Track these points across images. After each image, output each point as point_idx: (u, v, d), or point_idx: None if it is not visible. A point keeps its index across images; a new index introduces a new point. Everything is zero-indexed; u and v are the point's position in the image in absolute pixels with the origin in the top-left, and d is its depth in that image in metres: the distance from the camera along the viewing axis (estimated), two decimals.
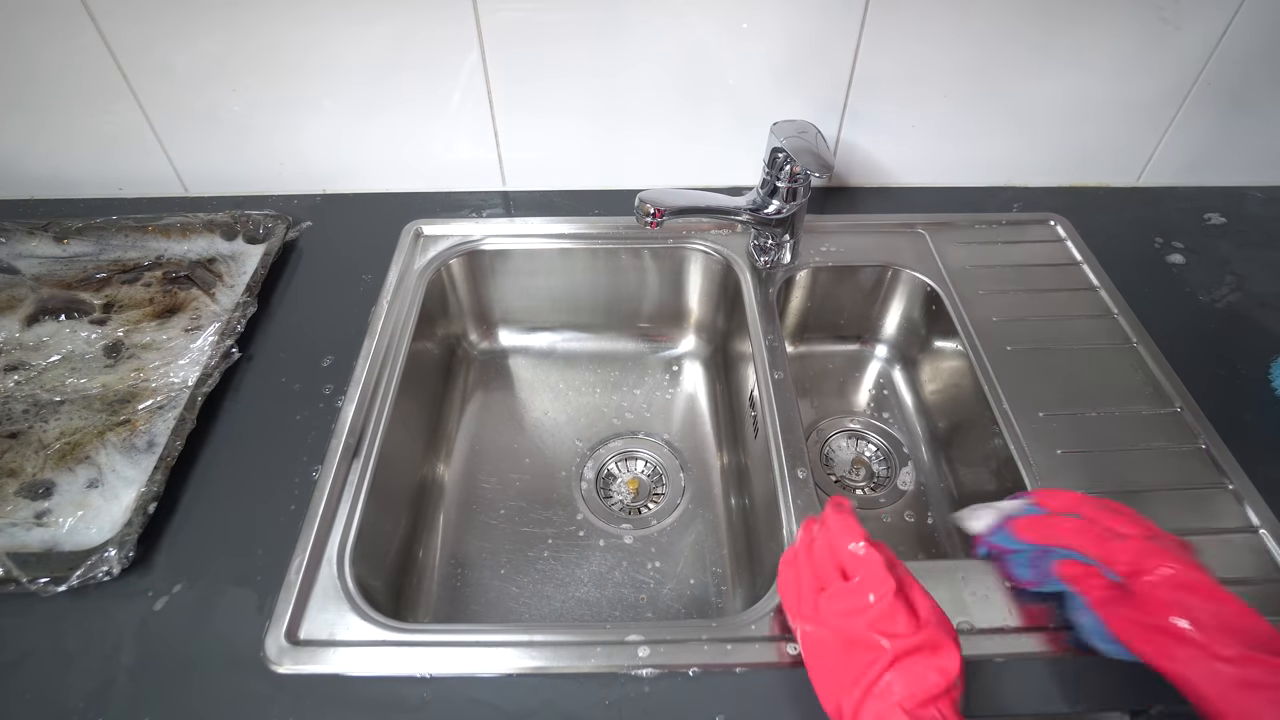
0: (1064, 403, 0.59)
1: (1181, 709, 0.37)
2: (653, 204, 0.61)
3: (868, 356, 0.79)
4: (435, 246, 0.74)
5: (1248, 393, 0.61)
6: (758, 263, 0.71)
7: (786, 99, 0.73)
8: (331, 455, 0.56)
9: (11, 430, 0.58)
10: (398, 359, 0.63)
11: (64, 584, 0.47)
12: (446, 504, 0.68)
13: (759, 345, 0.65)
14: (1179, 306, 0.69)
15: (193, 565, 0.51)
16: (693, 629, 0.47)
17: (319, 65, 0.70)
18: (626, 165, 0.79)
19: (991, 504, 0.48)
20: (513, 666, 0.45)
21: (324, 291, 0.70)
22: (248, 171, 0.79)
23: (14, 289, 0.68)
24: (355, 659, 0.45)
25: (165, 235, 0.73)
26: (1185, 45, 0.70)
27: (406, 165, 0.79)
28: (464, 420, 0.75)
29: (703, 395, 0.78)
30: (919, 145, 0.78)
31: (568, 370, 0.80)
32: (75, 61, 0.69)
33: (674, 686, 0.45)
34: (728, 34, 0.69)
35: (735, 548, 0.65)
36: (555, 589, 0.62)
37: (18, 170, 0.78)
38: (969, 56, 0.71)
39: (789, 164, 0.62)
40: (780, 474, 0.55)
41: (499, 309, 0.80)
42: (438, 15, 0.67)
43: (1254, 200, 0.81)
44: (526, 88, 0.73)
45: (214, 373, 0.59)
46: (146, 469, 0.53)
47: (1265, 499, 0.53)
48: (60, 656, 0.46)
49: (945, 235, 0.74)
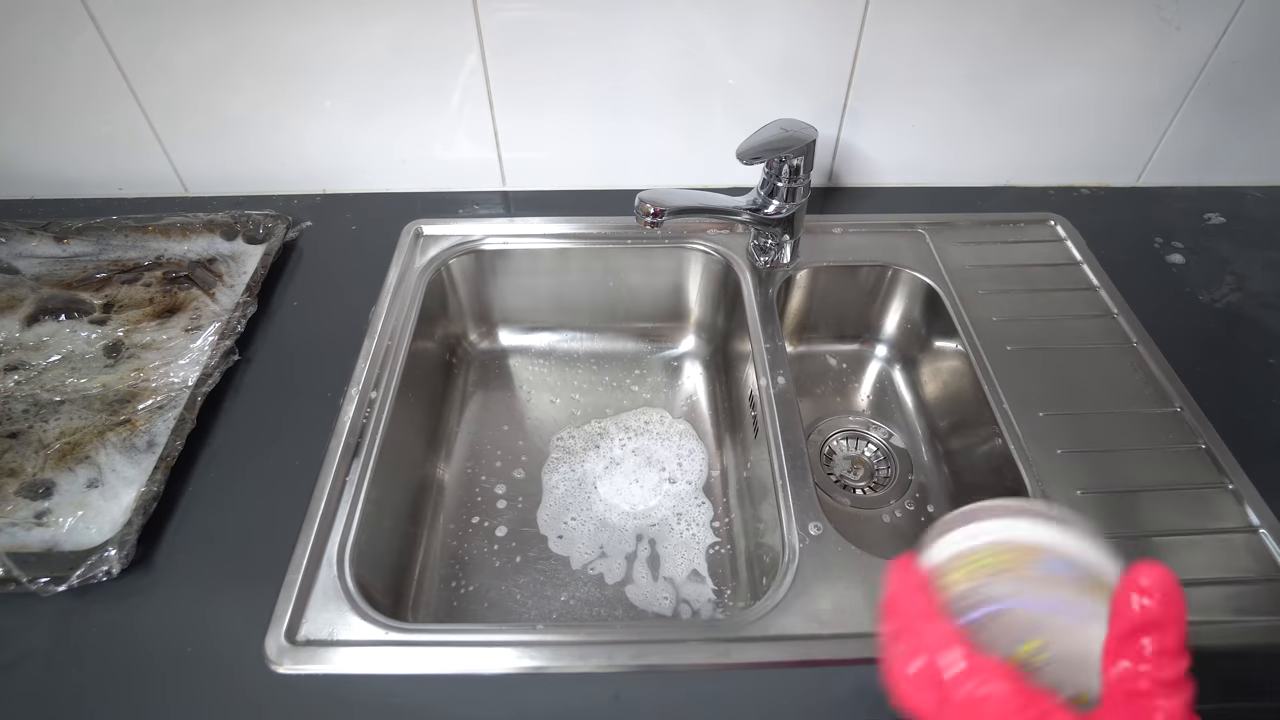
0: (1064, 403, 0.59)
1: None
2: (653, 204, 0.61)
3: (868, 356, 0.79)
4: (435, 246, 0.74)
5: (1248, 393, 0.61)
6: (758, 263, 0.71)
7: (786, 99, 0.73)
8: (331, 455, 0.55)
9: (11, 430, 0.58)
10: (398, 359, 0.63)
11: (64, 584, 0.47)
12: (446, 504, 0.68)
13: (759, 345, 0.65)
14: (1179, 306, 0.69)
15: (193, 565, 0.51)
16: (693, 629, 0.47)
17: (319, 65, 0.70)
18: (626, 165, 0.79)
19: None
20: (513, 666, 0.45)
21: (324, 291, 0.70)
22: (248, 171, 0.79)
23: (14, 289, 0.68)
24: (355, 659, 0.45)
25: (165, 235, 0.73)
26: (1185, 45, 0.70)
27: (406, 165, 0.79)
28: (464, 420, 0.75)
29: (702, 395, 0.78)
30: (919, 145, 0.78)
31: (568, 370, 0.80)
32: (75, 61, 0.69)
33: (674, 687, 0.45)
34: (728, 34, 0.69)
35: (735, 548, 0.65)
36: (555, 589, 0.62)
37: (17, 170, 0.78)
38: (969, 56, 0.71)
39: (787, 163, 0.62)
40: (780, 474, 0.55)
41: (499, 309, 0.80)
42: (438, 15, 0.67)
43: (1254, 200, 0.81)
44: (526, 88, 0.73)
45: (214, 373, 0.59)
46: (146, 469, 0.53)
47: (1265, 499, 0.53)
48: (60, 656, 0.46)
49: (945, 235, 0.74)
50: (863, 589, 0.48)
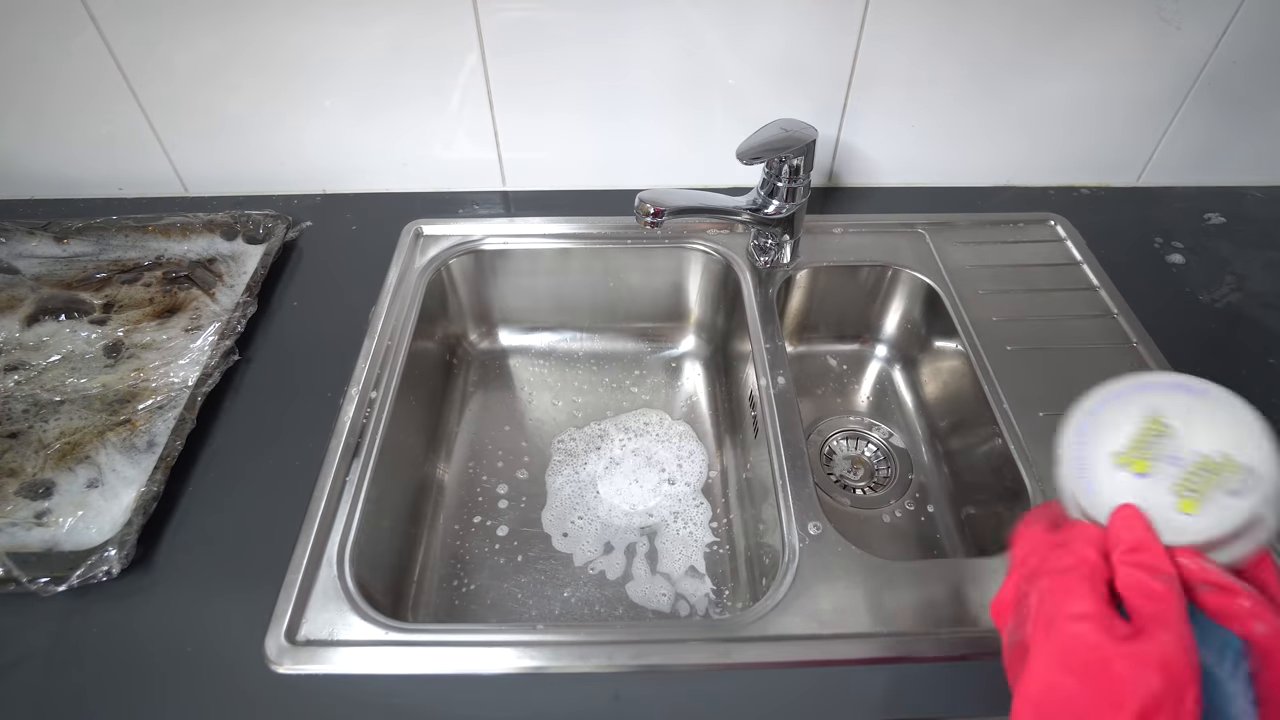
0: (1064, 403, 0.58)
1: None
2: (653, 204, 0.61)
3: (868, 356, 0.79)
4: (435, 246, 0.74)
5: (1248, 393, 0.61)
6: (758, 263, 0.71)
7: (786, 99, 0.73)
8: (331, 455, 0.56)
9: (11, 430, 0.58)
10: (398, 359, 0.63)
11: (64, 584, 0.47)
12: (446, 504, 0.68)
13: (759, 345, 0.65)
14: (1179, 306, 0.69)
15: (193, 565, 0.51)
16: (693, 629, 0.47)
17: (319, 65, 0.70)
18: (626, 165, 0.79)
19: None
20: (513, 666, 0.45)
21: (324, 291, 0.70)
22: (248, 171, 0.79)
23: (14, 289, 0.68)
24: (355, 659, 0.45)
25: (165, 235, 0.73)
26: (1185, 45, 0.70)
27: (406, 165, 0.79)
28: (464, 420, 0.75)
29: (702, 395, 0.78)
30: (919, 145, 0.78)
31: (568, 370, 0.80)
32: (74, 60, 0.69)
33: (674, 687, 0.45)
34: (728, 34, 0.69)
35: (735, 548, 0.65)
36: (555, 589, 0.62)
37: (17, 170, 0.78)
38: (969, 56, 0.71)
39: (787, 163, 0.62)
40: (780, 474, 0.55)
41: (499, 309, 0.80)
42: (438, 15, 0.67)
43: (1254, 200, 0.81)
44: (526, 88, 0.73)
45: (214, 372, 0.59)
46: (146, 469, 0.53)
47: None
48: (60, 656, 0.46)
49: (945, 235, 0.74)
50: (863, 589, 0.48)
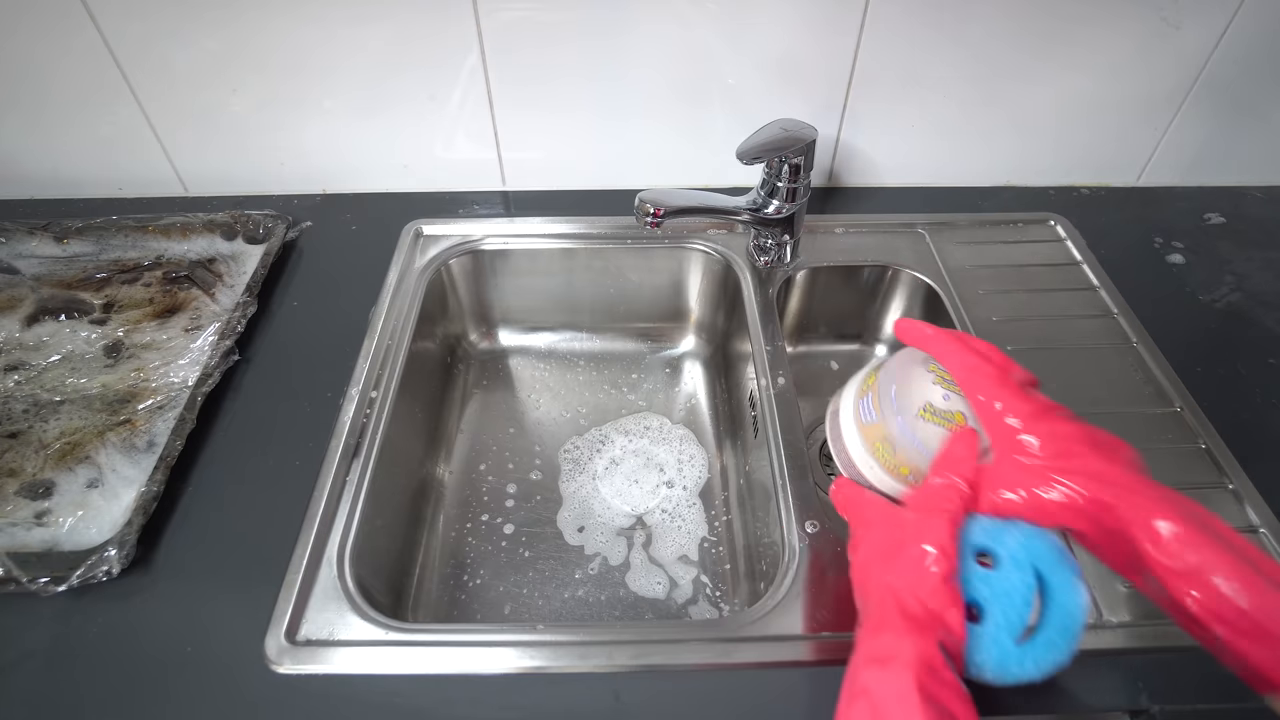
0: (1064, 402, 0.59)
1: (1182, 709, 0.37)
2: (653, 204, 0.61)
3: (868, 356, 0.79)
4: (435, 246, 0.74)
5: (1248, 393, 0.62)
6: (758, 263, 0.71)
7: (787, 99, 0.73)
8: (331, 455, 0.56)
9: (11, 430, 0.58)
10: (398, 359, 0.63)
11: (64, 584, 0.47)
12: (446, 504, 0.68)
13: (759, 345, 0.65)
14: (1179, 306, 0.69)
15: (193, 565, 0.51)
16: (693, 629, 0.47)
17: (319, 65, 0.70)
18: (626, 165, 0.79)
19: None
20: (513, 666, 0.45)
21: (324, 291, 0.70)
22: (248, 171, 0.79)
23: (14, 289, 0.68)
24: (355, 659, 0.45)
25: (165, 235, 0.73)
26: (1185, 45, 0.70)
27: (406, 165, 0.79)
28: (464, 420, 0.75)
29: (702, 395, 0.78)
30: (919, 145, 0.78)
31: (568, 370, 0.80)
32: (74, 60, 0.69)
33: (674, 686, 0.45)
34: (728, 34, 0.69)
35: (735, 547, 0.65)
36: (555, 589, 0.62)
37: (17, 170, 0.78)
38: (969, 56, 0.71)
39: (787, 163, 0.62)
40: (780, 474, 0.55)
41: (499, 309, 0.80)
42: (437, 15, 0.67)
43: (1254, 200, 0.81)
44: (526, 88, 0.73)
45: (214, 372, 0.59)
46: (146, 469, 0.53)
47: (1265, 499, 0.52)
48: (60, 656, 0.46)
49: (945, 235, 0.74)
50: None
